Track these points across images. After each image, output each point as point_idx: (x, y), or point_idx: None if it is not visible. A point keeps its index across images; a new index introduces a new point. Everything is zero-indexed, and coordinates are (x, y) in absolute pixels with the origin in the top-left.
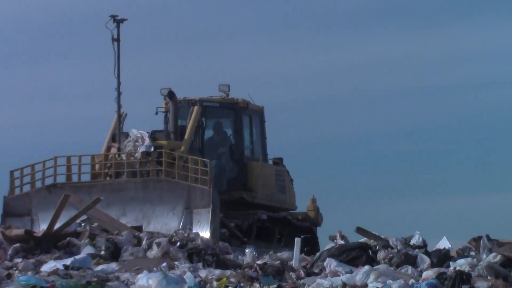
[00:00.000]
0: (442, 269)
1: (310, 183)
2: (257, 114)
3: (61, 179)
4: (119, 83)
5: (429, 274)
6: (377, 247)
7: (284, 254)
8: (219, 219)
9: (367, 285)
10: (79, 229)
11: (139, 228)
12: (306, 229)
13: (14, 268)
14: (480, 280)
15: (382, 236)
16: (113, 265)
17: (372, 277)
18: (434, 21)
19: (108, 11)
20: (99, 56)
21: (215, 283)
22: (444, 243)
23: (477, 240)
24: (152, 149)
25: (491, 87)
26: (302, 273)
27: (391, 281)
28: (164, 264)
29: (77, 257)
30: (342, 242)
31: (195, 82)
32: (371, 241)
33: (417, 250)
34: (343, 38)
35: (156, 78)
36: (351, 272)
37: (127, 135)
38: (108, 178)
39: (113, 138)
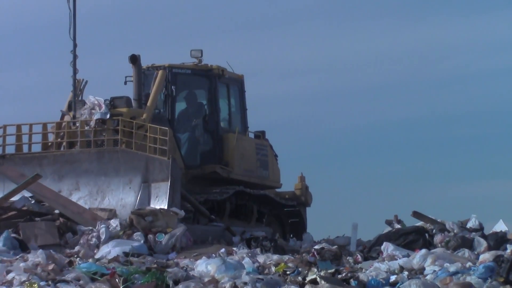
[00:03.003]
0: (499, 252)
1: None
2: (236, 83)
3: (11, 149)
4: (75, 45)
5: (486, 257)
6: (434, 230)
7: (340, 239)
8: (179, 193)
9: (424, 268)
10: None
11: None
12: (290, 208)
13: (75, 256)
14: None
15: (438, 220)
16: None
17: (429, 260)
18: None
19: None
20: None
21: (273, 268)
22: (500, 226)
23: None
24: (108, 116)
25: None
26: (359, 257)
27: (448, 264)
28: (223, 250)
29: (134, 244)
30: (399, 226)
31: (168, 50)
32: (428, 225)
33: (473, 233)
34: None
35: (129, 45)
36: (408, 255)
37: (84, 103)
38: (62, 149)
39: (70, 106)
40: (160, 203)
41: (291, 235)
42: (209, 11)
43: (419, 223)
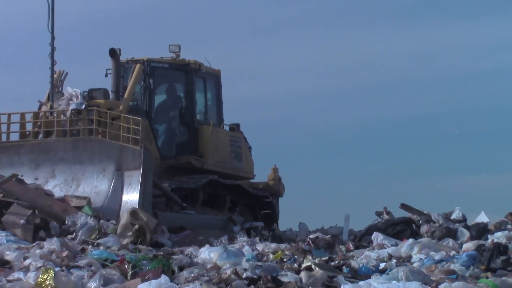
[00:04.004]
0: (481, 242)
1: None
2: (213, 78)
3: None
4: (53, 38)
5: (469, 246)
6: (420, 221)
7: (333, 229)
8: (151, 181)
9: (411, 256)
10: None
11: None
12: (262, 197)
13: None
14: None
15: (424, 212)
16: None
17: (416, 249)
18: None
19: None
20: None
21: (271, 256)
22: (482, 218)
23: None
24: (83, 106)
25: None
26: (351, 246)
27: (433, 253)
28: (225, 237)
29: None
30: (388, 217)
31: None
32: (415, 216)
33: (457, 224)
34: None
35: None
36: (396, 244)
37: (63, 94)
38: (39, 138)
39: (49, 97)
40: (132, 190)
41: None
42: (210, 15)
43: (407, 215)
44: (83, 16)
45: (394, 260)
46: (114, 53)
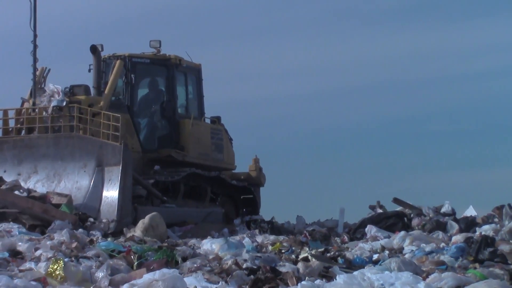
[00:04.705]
0: (469, 234)
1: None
2: (193, 72)
3: None
4: (35, 36)
5: (458, 238)
6: (412, 215)
7: (329, 222)
8: (131, 177)
9: (403, 248)
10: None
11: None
12: (242, 188)
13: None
14: (503, 243)
15: (416, 205)
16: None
17: (407, 241)
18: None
19: None
20: None
21: (270, 247)
22: (470, 211)
23: (500, 208)
24: (65, 103)
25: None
26: (346, 238)
27: (424, 245)
28: (226, 229)
29: None
30: (381, 211)
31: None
32: (406, 209)
33: (447, 217)
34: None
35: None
36: (389, 237)
37: (45, 90)
38: (22, 134)
39: (32, 94)
40: (112, 186)
41: (244, 209)
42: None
43: (399, 208)
44: (66, 13)
45: (387, 252)
46: (95, 50)
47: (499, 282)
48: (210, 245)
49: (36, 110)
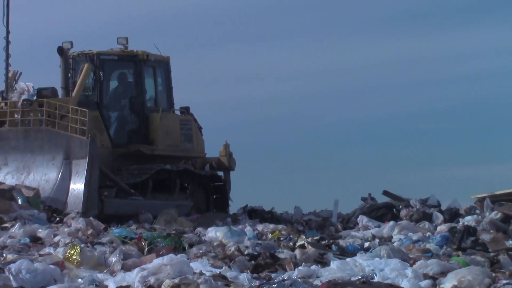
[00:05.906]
0: (453, 224)
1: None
2: (162, 65)
3: None
4: (8, 32)
5: (442, 228)
6: (400, 206)
7: (324, 212)
8: (97, 170)
9: (392, 237)
10: None
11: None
12: (210, 177)
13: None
14: (484, 233)
15: (404, 198)
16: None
17: (396, 230)
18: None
19: None
20: None
21: (269, 235)
22: (454, 203)
23: (481, 201)
24: (35, 98)
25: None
26: (339, 227)
27: (411, 234)
28: (229, 219)
29: None
30: (372, 202)
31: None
32: (395, 201)
33: (432, 209)
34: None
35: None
36: (379, 226)
37: (16, 89)
38: None
39: (4, 92)
40: (79, 179)
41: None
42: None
43: (389, 200)
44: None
45: (377, 240)
46: (62, 51)
47: (480, 269)
48: (214, 233)
49: (8, 104)
